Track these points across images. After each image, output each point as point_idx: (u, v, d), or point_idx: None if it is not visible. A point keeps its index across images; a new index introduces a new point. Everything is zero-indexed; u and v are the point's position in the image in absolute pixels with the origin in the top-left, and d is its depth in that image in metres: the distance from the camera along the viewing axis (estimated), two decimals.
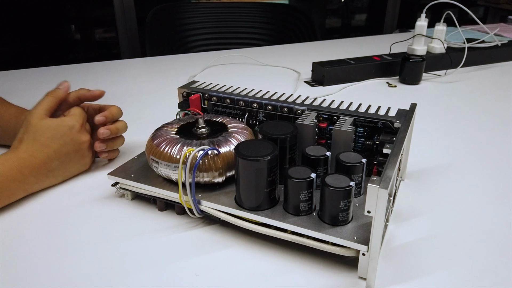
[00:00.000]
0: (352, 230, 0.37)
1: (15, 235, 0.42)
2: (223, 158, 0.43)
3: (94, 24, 2.33)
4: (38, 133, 0.48)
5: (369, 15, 2.89)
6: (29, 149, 0.47)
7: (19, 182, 0.46)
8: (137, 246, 0.41)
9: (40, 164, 0.48)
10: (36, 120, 0.49)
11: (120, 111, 0.55)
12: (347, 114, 0.46)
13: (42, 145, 0.48)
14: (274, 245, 0.40)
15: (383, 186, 0.31)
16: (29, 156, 0.47)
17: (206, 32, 1.51)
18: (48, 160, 0.48)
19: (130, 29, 1.80)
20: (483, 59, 1.00)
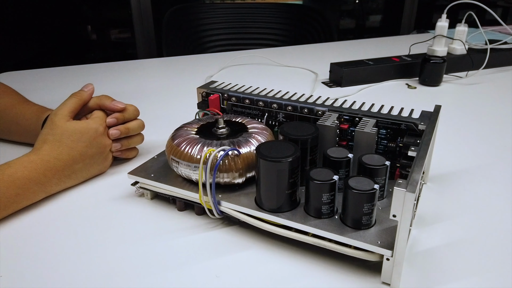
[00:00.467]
0: (375, 234, 0.36)
1: (35, 235, 0.42)
2: (243, 159, 0.42)
3: (110, 24, 2.36)
4: (64, 135, 0.48)
5: (385, 16, 2.85)
6: (54, 151, 0.47)
7: (42, 185, 0.46)
8: (157, 246, 0.41)
9: (64, 167, 0.48)
10: (62, 122, 0.49)
11: (136, 111, 0.55)
12: (370, 116, 0.46)
13: (67, 147, 0.48)
14: (295, 247, 0.40)
15: (410, 189, 0.31)
16: (53, 158, 0.47)
17: (222, 32, 1.51)
18: (72, 162, 0.48)
19: (146, 30, 1.82)
20: (505, 61, 0.98)
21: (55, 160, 0.47)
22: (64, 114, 0.50)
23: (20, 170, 0.44)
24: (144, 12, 1.78)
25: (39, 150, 0.47)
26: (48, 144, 0.48)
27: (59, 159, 0.47)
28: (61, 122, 0.49)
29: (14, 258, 0.39)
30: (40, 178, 0.46)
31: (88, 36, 2.36)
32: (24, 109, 0.59)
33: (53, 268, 0.38)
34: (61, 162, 0.47)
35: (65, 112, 0.50)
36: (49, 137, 0.48)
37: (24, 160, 0.46)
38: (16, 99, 0.61)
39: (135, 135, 0.55)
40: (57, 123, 0.49)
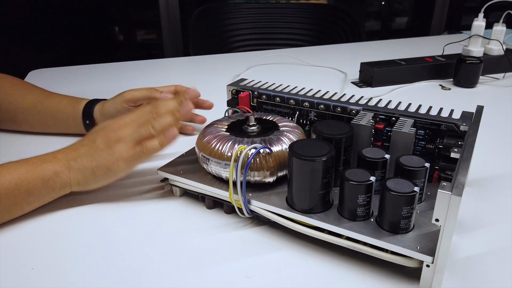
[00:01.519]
0: (414, 239, 0.34)
1: (66, 229, 0.43)
2: (275, 157, 0.41)
3: (136, 26, 2.40)
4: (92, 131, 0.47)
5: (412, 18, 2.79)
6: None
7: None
8: (185, 244, 0.40)
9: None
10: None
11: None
12: (407, 116, 0.44)
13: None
14: (327, 250, 0.38)
15: (456, 193, 0.29)
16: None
17: (248, 32, 1.51)
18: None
19: (173, 30, 1.83)
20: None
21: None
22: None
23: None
24: (172, 12, 1.80)
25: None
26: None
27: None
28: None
29: (45, 252, 0.39)
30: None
31: (115, 37, 2.41)
32: (55, 103, 0.61)
33: (81, 263, 0.38)
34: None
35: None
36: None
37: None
38: (42, 94, 0.63)
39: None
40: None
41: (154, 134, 0.44)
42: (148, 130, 0.44)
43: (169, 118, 0.45)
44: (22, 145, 0.60)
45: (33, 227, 0.42)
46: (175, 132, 0.45)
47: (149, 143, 0.44)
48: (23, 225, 0.42)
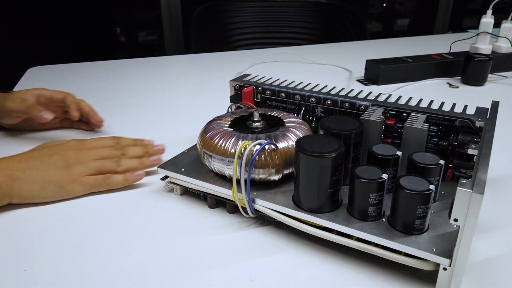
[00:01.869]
0: (429, 240, 0.32)
1: (60, 231, 0.41)
2: (280, 154, 0.39)
3: (138, 27, 2.39)
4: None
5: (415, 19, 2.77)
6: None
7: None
8: (186, 244, 0.38)
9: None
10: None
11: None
12: (419, 111, 0.42)
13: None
14: (336, 252, 0.36)
15: (478, 190, 0.27)
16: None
17: (251, 31, 1.49)
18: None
19: (175, 30, 1.81)
20: None
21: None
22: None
23: None
24: (174, 12, 1.78)
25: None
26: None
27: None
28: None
29: (39, 252, 0.37)
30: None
31: (117, 38, 2.40)
32: None
33: (78, 265, 0.36)
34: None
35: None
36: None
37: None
38: None
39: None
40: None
41: (117, 170, 0.47)
42: (114, 166, 0.47)
43: (136, 162, 0.49)
44: None
45: (26, 224, 0.40)
46: (142, 175, 0.48)
47: (115, 178, 0.46)
48: (16, 223, 0.41)
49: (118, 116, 0.68)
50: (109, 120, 0.66)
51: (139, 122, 0.66)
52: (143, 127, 0.64)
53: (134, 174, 0.47)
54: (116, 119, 0.66)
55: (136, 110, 0.70)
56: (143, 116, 0.68)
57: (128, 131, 0.62)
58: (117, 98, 0.76)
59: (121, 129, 0.63)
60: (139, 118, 0.67)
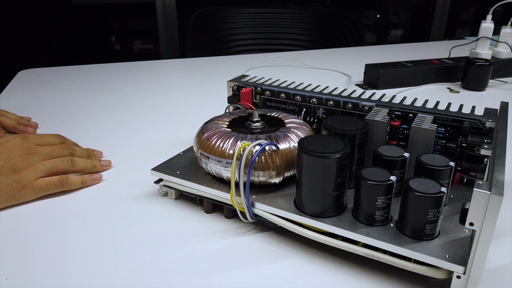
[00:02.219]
0: (441, 246, 0.30)
1: (49, 232, 0.38)
2: (282, 156, 0.37)
3: (133, 35, 2.39)
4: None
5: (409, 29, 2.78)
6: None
7: None
8: (181, 251, 0.36)
9: None
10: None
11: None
12: (425, 112, 0.40)
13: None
14: (341, 259, 0.34)
15: (496, 192, 0.25)
16: None
17: (247, 37, 1.48)
18: None
19: (171, 38, 1.79)
20: None
21: None
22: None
23: None
24: (169, 19, 1.76)
25: None
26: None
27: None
28: None
29: (24, 259, 0.34)
30: None
31: (112, 46, 2.39)
32: None
33: (68, 271, 0.33)
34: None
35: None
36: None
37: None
38: None
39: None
40: None
41: (72, 170, 0.45)
42: (68, 166, 0.44)
43: (89, 164, 0.47)
44: None
45: (10, 228, 0.38)
46: (100, 179, 0.46)
47: (72, 180, 0.44)
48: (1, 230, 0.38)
49: (111, 119, 0.65)
50: (102, 123, 0.64)
51: (133, 125, 0.63)
52: (137, 129, 0.61)
53: (92, 177, 0.46)
54: (109, 122, 0.64)
55: (130, 112, 0.68)
56: (137, 119, 0.65)
57: (121, 134, 0.60)
58: (110, 101, 0.74)
59: (114, 132, 0.60)
60: (133, 121, 0.65)
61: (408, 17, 2.84)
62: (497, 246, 0.36)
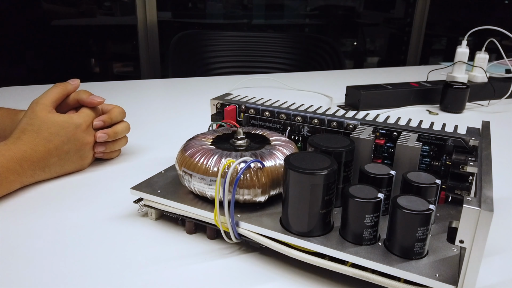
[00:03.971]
0: (430, 265, 0.30)
1: (22, 252, 0.36)
2: (267, 173, 0.36)
3: (113, 58, 2.38)
4: (43, 126, 0.46)
5: (387, 56, 2.88)
6: (31, 141, 0.45)
7: (17, 175, 0.44)
8: (161, 274, 0.34)
9: (39, 159, 0.46)
10: (43, 113, 0.47)
11: (122, 113, 0.54)
12: (410, 130, 0.40)
13: (44, 140, 0.46)
14: (329, 280, 0.33)
15: (486, 208, 0.25)
16: (30, 149, 0.45)
17: (229, 60, 1.49)
18: (48, 155, 0.46)
19: (152, 59, 1.79)
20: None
21: (31, 151, 0.45)
22: (47, 104, 0.48)
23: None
24: (151, 40, 1.76)
25: (17, 140, 0.45)
26: (27, 134, 0.46)
27: (35, 151, 0.45)
28: (42, 112, 0.47)
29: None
30: (16, 167, 0.44)
31: (91, 69, 2.38)
32: None
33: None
34: (37, 154, 0.45)
35: (48, 101, 0.48)
36: (28, 127, 0.46)
37: (2, 148, 0.43)
38: None
39: (119, 138, 0.54)
40: (38, 113, 0.46)
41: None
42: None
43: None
44: None
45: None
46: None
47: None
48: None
49: None
50: None
51: None
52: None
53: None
54: None
55: None
56: None
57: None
58: None
59: None
60: None
61: (384, 45, 2.95)
62: (485, 264, 0.36)
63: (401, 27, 2.71)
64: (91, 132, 0.51)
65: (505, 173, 0.55)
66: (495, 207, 0.44)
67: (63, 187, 0.47)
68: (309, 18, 2.90)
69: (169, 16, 2.34)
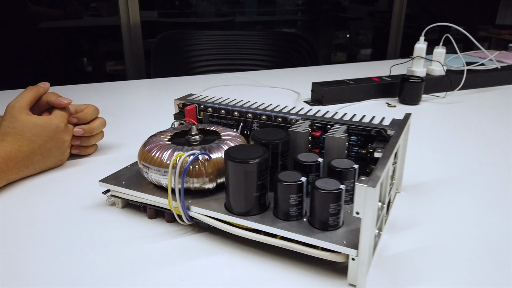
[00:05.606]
0: (342, 235, 0.36)
1: (6, 241, 0.41)
2: (214, 164, 0.42)
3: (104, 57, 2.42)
4: (25, 128, 0.52)
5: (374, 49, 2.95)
6: (15, 142, 0.51)
7: (4, 173, 0.49)
8: (124, 252, 0.40)
9: (24, 158, 0.51)
10: (23, 116, 0.52)
11: (96, 111, 0.60)
12: (341, 123, 0.46)
13: (28, 140, 0.52)
14: (264, 252, 0.39)
15: (371, 184, 0.31)
16: (15, 150, 0.50)
17: (210, 58, 1.54)
18: (32, 154, 0.52)
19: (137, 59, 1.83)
20: (483, 82, 1.01)
21: (16, 151, 0.50)
22: (23, 106, 0.53)
23: None
24: (135, 40, 1.80)
25: (1, 142, 0.50)
26: (10, 136, 0.51)
27: (20, 151, 0.51)
28: (22, 115, 0.52)
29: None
30: (3, 167, 0.49)
31: (84, 68, 2.41)
32: None
33: (15, 274, 0.37)
34: (21, 154, 0.51)
35: (24, 104, 0.53)
36: (10, 130, 0.51)
37: None
38: None
39: (95, 134, 0.60)
40: (18, 116, 0.52)
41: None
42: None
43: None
44: None
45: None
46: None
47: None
48: None
49: None
50: None
51: None
52: None
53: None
54: None
55: None
56: None
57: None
58: None
59: None
60: None
61: (374, 37, 3.01)
62: (399, 237, 0.42)
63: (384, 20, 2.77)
64: (69, 131, 0.57)
65: (447, 156, 0.62)
66: (422, 189, 0.50)
67: (42, 181, 0.53)
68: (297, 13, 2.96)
69: (156, 16, 2.38)
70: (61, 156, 0.57)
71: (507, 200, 0.49)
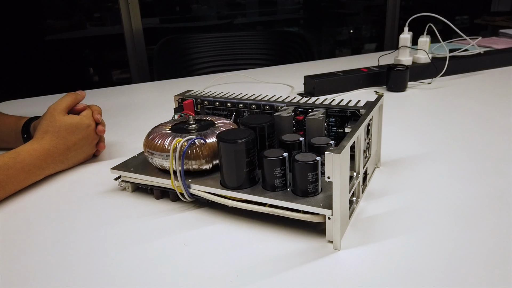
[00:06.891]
0: (320, 199, 0.42)
1: (26, 224, 0.48)
2: (209, 147, 0.48)
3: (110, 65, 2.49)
4: (62, 128, 0.58)
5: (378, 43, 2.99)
6: (53, 140, 0.57)
7: (42, 169, 0.56)
8: (135, 226, 0.46)
9: (60, 154, 0.58)
10: (60, 116, 0.59)
11: (100, 109, 0.66)
12: (321, 107, 0.52)
13: (64, 139, 0.58)
14: (255, 219, 0.45)
15: (337, 151, 0.37)
16: (52, 147, 0.57)
17: (210, 60, 1.61)
18: (67, 151, 0.59)
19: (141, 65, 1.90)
20: (467, 67, 1.06)
21: (54, 149, 0.57)
22: (62, 109, 0.60)
23: (28, 158, 0.54)
24: (138, 47, 1.87)
25: (41, 140, 0.57)
26: (49, 134, 0.57)
27: (57, 148, 0.57)
28: (59, 116, 0.59)
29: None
30: (42, 164, 0.56)
31: (91, 78, 2.49)
32: (3, 119, 0.68)
33: (44, 242, 0.43)
34: (58, 150, 0.58)
35: (63, 107, 0.60)
36: (49, 129, 0.58)
37: (29, 149, 0.55)
38: None
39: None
40: (56, 117, 0.58)
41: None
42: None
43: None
44: None
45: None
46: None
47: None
48: None
49: None
50: None
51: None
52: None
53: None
54: None
55: None
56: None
57: None
58: None
59: None
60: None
61: (379, 31, 3.05)
62: (374, 203, 0.48)
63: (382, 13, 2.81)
64: (94, 128, 0.63)
65: (427, 135, 0.67)
66: (399, 164, 0.56)
67: (61, 172, 0.60)
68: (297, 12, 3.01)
69: (157, 22, 2.46)
70: (91, 151, 0.63)
71: (476, 170, 0.55)
